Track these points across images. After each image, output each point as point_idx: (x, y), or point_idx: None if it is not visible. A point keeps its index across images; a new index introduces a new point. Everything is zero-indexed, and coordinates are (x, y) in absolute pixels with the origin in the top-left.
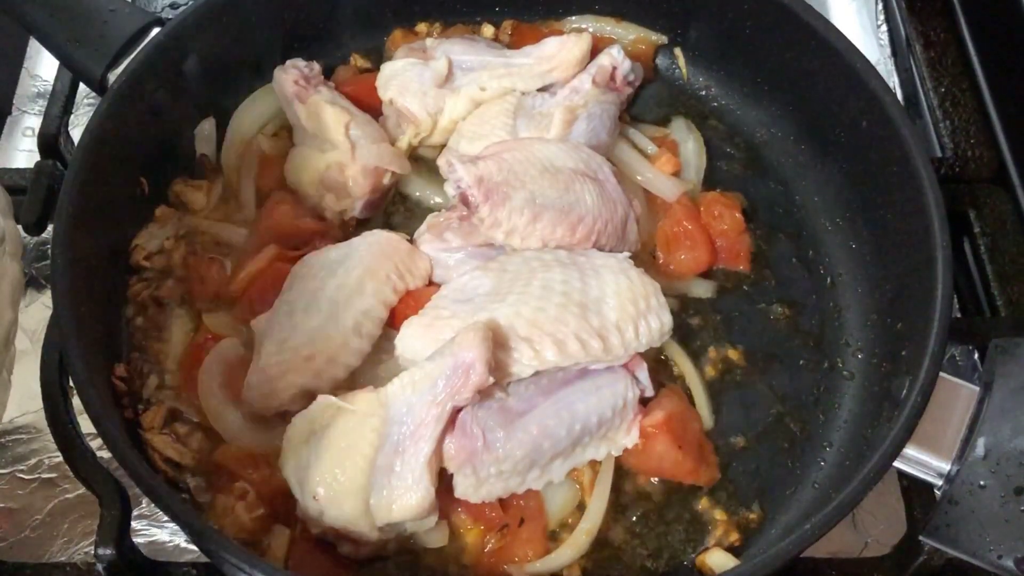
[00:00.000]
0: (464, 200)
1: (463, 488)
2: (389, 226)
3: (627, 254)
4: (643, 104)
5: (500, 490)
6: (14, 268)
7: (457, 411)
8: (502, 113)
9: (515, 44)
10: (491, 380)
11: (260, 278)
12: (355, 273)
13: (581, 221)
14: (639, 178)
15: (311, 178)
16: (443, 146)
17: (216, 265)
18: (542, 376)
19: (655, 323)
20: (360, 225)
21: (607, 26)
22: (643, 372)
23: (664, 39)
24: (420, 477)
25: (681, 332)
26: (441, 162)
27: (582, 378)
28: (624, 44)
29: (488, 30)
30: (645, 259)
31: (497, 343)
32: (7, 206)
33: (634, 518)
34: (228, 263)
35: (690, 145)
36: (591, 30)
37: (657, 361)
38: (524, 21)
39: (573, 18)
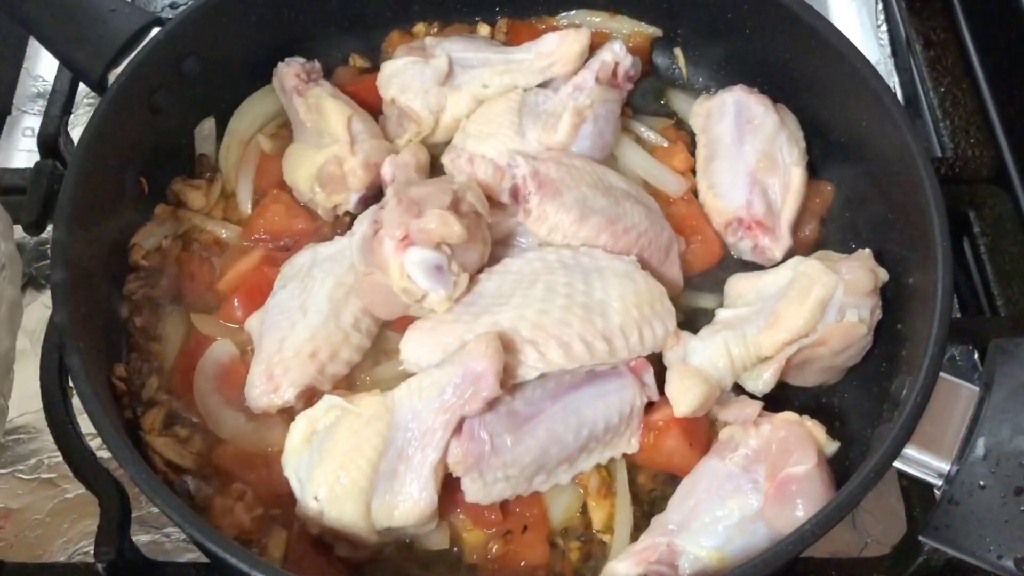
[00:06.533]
0: (514, 193)
1: (472, 492)
2: None
3: (633, 256)
4: (643, 101)
5: (508, 492)
6: (13, 293)
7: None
8: (508, 111)
9: (511, 42)
10: (500, 392)
11: (246, 280)
12: (354, 272)
13: (626, 232)
14: (641, 173)
15: (307, 173)
16: (445, 144)
17: (206, 264)
18: (548, 380)
19: (660, 329)
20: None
21: (601, 20)
22: (649, 376)
23: (659, 32)
24: (425, 484)
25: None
26: (445, 160)
27: (589, 383)
28: (619, 38)
29: (484, 29)
30: None
31: (502, 346)
32: (7, 229)
33: (638, 514)
34: (217, 263)
35: None
36: (585, 25)
37: (661, 362)
38: (520, 18)
39: (570, 13)
